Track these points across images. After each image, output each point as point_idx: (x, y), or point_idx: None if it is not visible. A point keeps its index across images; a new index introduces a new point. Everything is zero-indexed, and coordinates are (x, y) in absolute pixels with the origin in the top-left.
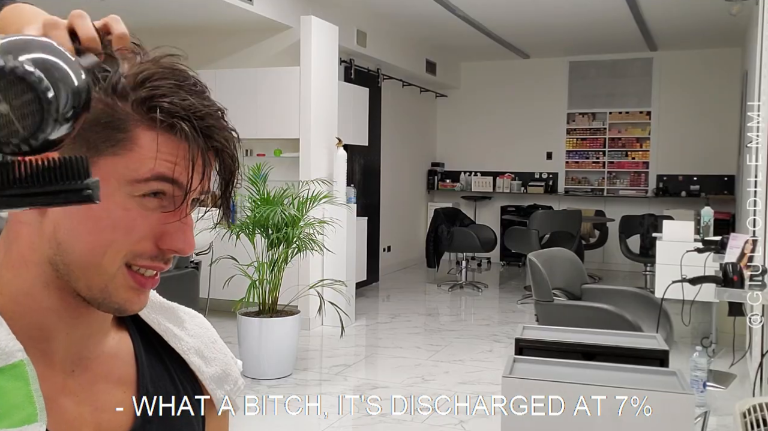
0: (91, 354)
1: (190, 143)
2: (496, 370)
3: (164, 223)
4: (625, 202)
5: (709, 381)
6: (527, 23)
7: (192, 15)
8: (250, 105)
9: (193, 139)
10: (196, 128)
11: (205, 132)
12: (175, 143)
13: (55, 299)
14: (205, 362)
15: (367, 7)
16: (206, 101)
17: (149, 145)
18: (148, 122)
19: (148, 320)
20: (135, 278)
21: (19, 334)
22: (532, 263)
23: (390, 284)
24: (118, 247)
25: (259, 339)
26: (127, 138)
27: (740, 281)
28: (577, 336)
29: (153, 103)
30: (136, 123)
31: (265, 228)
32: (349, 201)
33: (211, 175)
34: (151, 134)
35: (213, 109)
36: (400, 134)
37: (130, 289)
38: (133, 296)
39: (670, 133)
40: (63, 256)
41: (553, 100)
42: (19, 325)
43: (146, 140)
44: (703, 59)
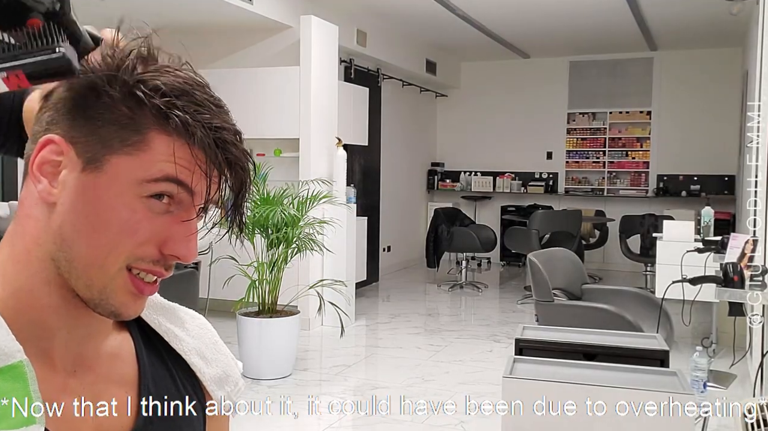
0: (92, 354)
1: (205, 150)
2: (496, 370)
3: (169, 228)
4: (625, 202)
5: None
6: (527, 23)
7: (192, 15)
8: (250, 105)
9: (208, 146)
10: (211, 137)
11: (219, 143)
12: (189, 149)
13: (56, 298)
14: (205, 363)
15: (367, 7)
16: (224, 116)
17: (162, 148)
18: (164, 128)
19: (149, 321)
20: (134, 283)
21: (19, 332)
22: (532, 263)
23: (390, 284)
24: (121, 248)
25: (258, 339)
26: (141, 140)
27: (740, 282)
28: (578, 336)
29: (173, 111)
30: (153, 127)
31: (265, 228)
32: (349, 201)
33: (221, 186)
34: (166, 138)
35: (229, 124)
36: (400, 133)
37: (128, 293)
38: (130, 301)
39: (671, 133)
40: (66, 252)
41: (553, 100)
42: (20, 322)
43: (160, 144)
44: (704, 59)
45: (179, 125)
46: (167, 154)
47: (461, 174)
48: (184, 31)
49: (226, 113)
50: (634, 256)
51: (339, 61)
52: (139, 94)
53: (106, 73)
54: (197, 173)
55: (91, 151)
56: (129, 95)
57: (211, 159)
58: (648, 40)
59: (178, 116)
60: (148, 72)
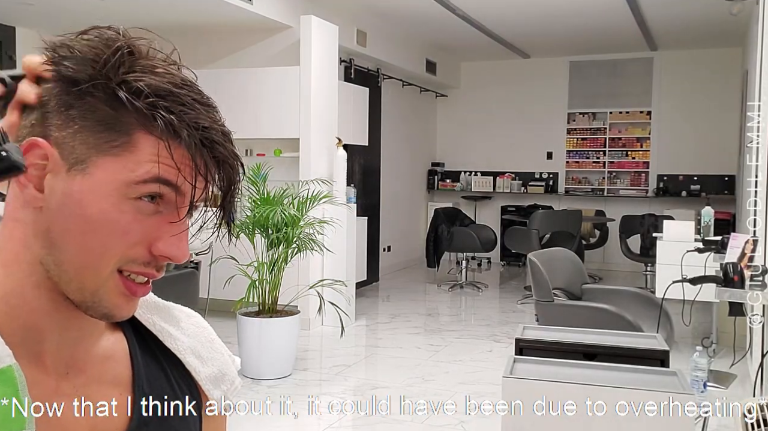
0: (85, 356)
1: (192, 150)
2: (496, 370)
3: (159, 229)
4: (625, 202)
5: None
6: (527, 23)
7: (192, 15)
8: (250, 105)
9: (194, 146)
10: (198, 137)
11: (207, 143)
12: (176, 149)
13: (45, 301)
14: (201, 362)
15: (367, 7)
16: (212, 115)
17: (149, 149)
18: (150, 129)
19: (143, 321)
20: (126, 285)
21: (10, 336)
22: (533, 263)
23: (390, 284)
24: (112, 250)
25: (258, 339)
26: (127, 141)
27: (741, 281)
28: (578, 336)
29: (158, 111)
30: (138, 128)
31: (265, 228)
32: (349, 201)
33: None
34: (153, 139)
35: (218, 124)
36: (400, 133)
37: (121, 295)
38: (123, 303)
39: (671, 133)
40: (55, 256)
41: (553, 100)
42: (10, 326)
43: (147, 144)
44: (704, 59)
45: (165, 125)
46: (154, 154)
47: (461, 174)
48: (185, 31)
49: (214, 112)
50: (634, 256)
51: (339, 61)
52: (123, 96)
53: (90, 74)
54: (185, 173)
55: (77, 153)
56: (113, 96)
57: (198, 159)
58: (648, 40)
59: (163, 116)
60: (132, 72)
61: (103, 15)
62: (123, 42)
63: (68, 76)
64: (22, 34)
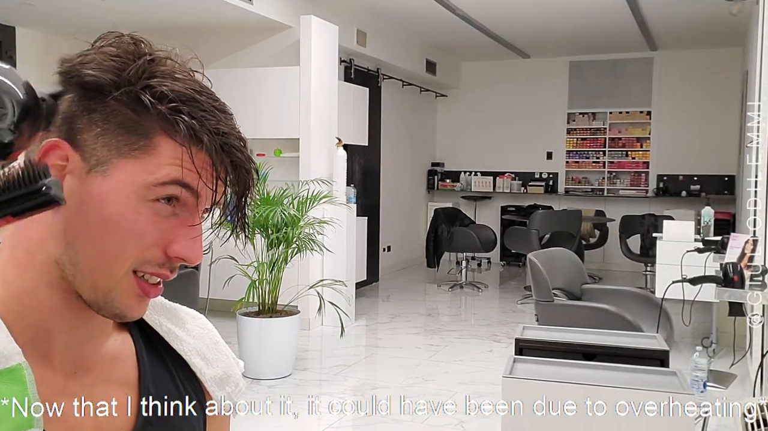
0: (93, 356)
1: (212, 154)
2: (496, 370)
3: (175, 231)
4: (625, 202)
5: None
6: (527, 23)
7: (192, 15)
8: (250, 105)
9: (215, 151)
10: (218, 142)
11: (226, 148)
12: (196, 153)
13: (58, 300)
14: (206, 363)
15: (367, 7)
16: (230, 121)
17: (169, 152)
18: (171, 133)
19: (149, 322)
20: (140, 285)
21: (20, 334)
22: (532, 263)
23: (390, 284)
24: (128, 251)
25: (258, 339)
26: (148, 144)
27: (740, 281)
28: (577, 336)
29: (180, 116)
30: (160, 132)
31: (265, 228)
32: (349, 201)
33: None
34: (172, 142)
35: (235, 130)
36: (400, 134)
37: (134, 295)
38: (135, 303)
39: (671, 133)
40: (71, 256)
41: (553, 100)
42: (21, 325)
43: (167, 147)
44: (703, 59)
45: (187, 130)
46: (174, 158)
47: (461, 174)
48: (184, 31)
49: (231, 119)
50: (634, 256)
51: (339, 61)
52: (146, 100)
53: (113, 80)
54: (203, 176)
55: (97, 155)
56: (136, 100)
57: (217, 163)
58: (648, 40)
59: (185, 121)
60: (155, 77)
61: (103, 15)
62: (144, 48)
63: (91, 81)
64: (22, 34)
